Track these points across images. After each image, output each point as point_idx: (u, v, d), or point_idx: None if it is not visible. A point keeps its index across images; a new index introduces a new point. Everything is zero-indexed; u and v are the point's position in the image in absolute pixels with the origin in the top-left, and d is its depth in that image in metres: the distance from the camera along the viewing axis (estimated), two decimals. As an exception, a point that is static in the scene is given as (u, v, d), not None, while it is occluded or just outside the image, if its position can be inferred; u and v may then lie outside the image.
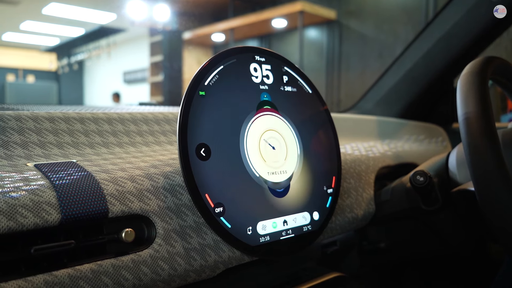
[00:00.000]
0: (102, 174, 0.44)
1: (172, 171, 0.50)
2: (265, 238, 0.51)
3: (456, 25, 0.97)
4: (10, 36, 8.32)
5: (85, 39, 7.98)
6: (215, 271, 0.48)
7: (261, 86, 0.55)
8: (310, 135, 0.59)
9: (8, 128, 0.48)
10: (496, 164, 0.48)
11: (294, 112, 0.58)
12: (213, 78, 0.50)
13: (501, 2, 0.89)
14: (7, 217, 0.35)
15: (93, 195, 0.41)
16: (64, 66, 9.20)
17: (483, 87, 0.53)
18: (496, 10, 0.88)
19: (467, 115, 0.51)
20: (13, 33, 8.07)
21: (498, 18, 0.90)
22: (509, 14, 0.90)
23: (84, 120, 0.55)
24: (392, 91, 1.15)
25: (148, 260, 0.42)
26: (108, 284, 0.39)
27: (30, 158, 0.47)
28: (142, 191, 0.45)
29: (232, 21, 5.36)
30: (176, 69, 6.16)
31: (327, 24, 4.79)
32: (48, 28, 7.53)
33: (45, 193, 0.38)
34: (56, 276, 0.36)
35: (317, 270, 0.60)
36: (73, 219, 0.39)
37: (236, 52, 0.54)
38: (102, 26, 7.11)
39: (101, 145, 0.54)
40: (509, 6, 0.87)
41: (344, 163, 0.69)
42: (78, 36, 7.88)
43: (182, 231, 0.46)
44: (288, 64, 0.60)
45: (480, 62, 0.56)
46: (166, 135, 0.62)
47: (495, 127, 0.50)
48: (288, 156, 0.56)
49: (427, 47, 1.04)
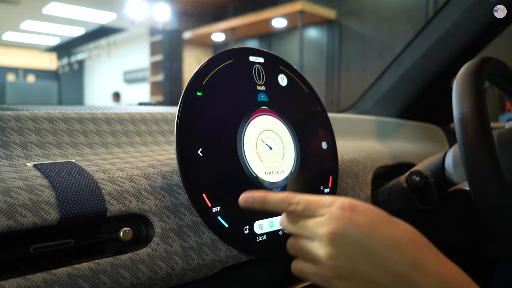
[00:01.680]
0: (100, 174, 0.45)
1: (170, 171, 0.50)
2: (262, 237, 0.51)
3: (454, 25, 0.98)
4: (10, 36, 8.33)
5: (85, 38, 7.99)
6: (213, 270, 0.49)
7: (258, 86, 0.56)
8: (307, 135, 0.60)
9: (7, 128, 0.49)
10: (490, 164, 0.48)
11: (291, 113, 0.59)
12: (210, 79, 0.51)
13: (500, 2, 0.89)
14: (6, 216, 0.36)
15: (92, 195, 0.41)
16: (64, 66, 9.20)
17: (479, 87, 0.53)
18: (496, 10, 0.88)
19: (463, 115, 0.52)
20: (13, 33, 8.08)
21: (496, 18, 0.91)
22: (507, 15, 0.90)
23: (83, 121, 0.55)
24: (390, 91, 1.15)
25: (146, 259, 0.43)
26: (106, 282, 0.39)
27: (30, 158, 0.48)
28: (140, 191, 0.46)
29: (232, 20, 5.37)
30: (176, 68, 6.16)
31: (327, 24, 4.79)
32: (48, 27, 7.53)
33: (44, 192, 0.39)
34: (55, 275, 0.37)
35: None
36: (72, 218, 0.39)
37: (233, 53, 0.54)
38: (102, 25, 7.12)
39: (100, 145, 0.55)
40: (508, 6, 0.88)
41: (341, 163, 0.70)
42: (78, 35, 7.89)
43: (179, 230, 0.47)
44: (285, 64, 0.60)
45: (476, 62, 0.57)
46: (165, 135, 0.62)
47: (490, 127, 0.51)
48: (285, 156, 0.56)
49: (426, 47, 1.05)
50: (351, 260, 0.35)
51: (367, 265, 0.35)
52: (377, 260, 0.35)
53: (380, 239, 0.35)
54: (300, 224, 0.39)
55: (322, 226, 0.37)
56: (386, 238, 0.35)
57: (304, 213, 0.39)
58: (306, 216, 0.39)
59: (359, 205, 0.38)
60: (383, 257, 0.35)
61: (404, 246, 0.35)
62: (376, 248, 0.35)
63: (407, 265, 0.34)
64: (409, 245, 0.35)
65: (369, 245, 0.35)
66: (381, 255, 0.35)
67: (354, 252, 0.35)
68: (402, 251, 0.35)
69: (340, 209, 0.37)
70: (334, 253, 0.36)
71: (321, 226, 0.37)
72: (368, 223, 0.36)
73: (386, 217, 0.38)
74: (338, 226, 0.36)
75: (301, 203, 0.39)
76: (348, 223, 0.36)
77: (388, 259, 0.35)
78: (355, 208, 0.37)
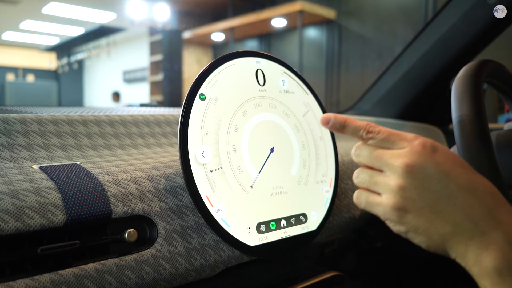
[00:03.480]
0: (105, 176, 0.46)
1: (173, 173, 0.51)
2: (264, 238, 0.52)
3: (453, 27, 0.99)
4: (10, 35, 8.32)
5: (85, 38, 7.99)
6: (215, 270, 0.50)
7: (260, 89, 0.56)
8: (308, 137, 0.60)
9: (13, 131, 0.49)
10: (488, 165, 0.49)
11: (292, 115, 0.59)
12: (212, 82, 0.52)
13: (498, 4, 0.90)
14: (14, 218, 0.36)
15: (97, 197, 0.42)
16: (64, 65, 9.20)
17: (477, 90, 0.54)
18: (496, 10, 0.89)
19: (461, 117, 0.53)
20: (13, 32, 8.07)
21: (494, 20, 0.92)
22: (506, 17, 0.91)
23: (87, 123, 0.56)
24: (390, 92, 1.16)
25: (150, 260, 0.44)
26: (111, 283, 0.40)
27: (35, 160, 0.48)
28: (144, 193, 0.46)
29: (232, 20, 5.37)
30: (175, 69, 6.17)
31: (326, 24, 4.80)
32: (48, 27, 7.53)
33: (50, 195, 0.40)
34: (62, 275, 0.37)
35: (315, 269, 0.61)
36: (78, 220, 0.40)
37: (235, 56, 0.55)
38: (102, 25, 7.12)
39: (104, 147, 0.55)
40: (508, 7, 0.88)
41: (341, 164, 0.71)
42: (78, 35, 7.89)
43: (183, 231, 0.47)
44: (286, 67, 0.61)
45: (474, 65, 0.57)
46: (167, 137, 0.63)
47: (488, 129, 0.51)
48: (286, 158, 0.57)
49: (425, 49, 1.06)
50: (424, 195, 0.35)
51: (440, 203, 0.35)
52: (451, 200, 0.35)
53: (458, 182, 0.35)
54: (375, 154, 0.39)
55: (401, 157, 0.37)
56: (465, 183, 0.35)
57: (382, 143, 0.39)
58: (383, 147, 0.39)
59: (442, 147, 0.38)
60: (459, 198, 0.35)
61: (482, 194, 0.35)
62: (453, 189, 0.35)
63: (483, 212, 0.34)
64: (487, 195, 0.35)
65: (446, 185, 0.35)
66: (457, 197, 0.35)
67: (429, 187, 0.35)
68: (480, 198, 0.35)
69: (421, 145, 0.37)
70: (408, 184, 0.36)
71: (399, 157, 0.37)
72: (448, 164, 0.36)
73: (467, 165, 0.37)
74: (417, 160, 0.36)
75: (382, 133, 0.39)
76: (428, 160, 0.36)
77: (464, 202, 0.35)
78: (437, 149, 0.37)
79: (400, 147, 0.38)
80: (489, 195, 0.36)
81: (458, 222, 0.35)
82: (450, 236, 0.35)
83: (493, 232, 0.34)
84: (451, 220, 0.35)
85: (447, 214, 0.35)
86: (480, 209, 0.34)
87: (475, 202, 0.35)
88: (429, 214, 0.35)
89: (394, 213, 0.37)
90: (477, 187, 0.36)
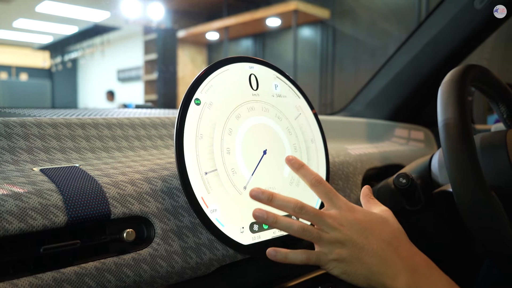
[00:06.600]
0: (104, 178, 0.47)
1: (169, 174, 0.53)
2: (256, 237, 0.54)
3: (442, 31, 1.01)
4: (3, 34, 8.26)
5: (78, 37, 7.95)
6: (210, 268, 0.52)
7: (253, 93, 0.58)
8: (300, 140, 0.62)
9: (14, 134, 0.51)
10: (471, 167, 0.51)
11: (284, 118, 0.61)
12: (207, 87, 0.53)
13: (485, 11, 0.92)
14: (18, 219, 0.38)
15: (96, 198, 0.44)
16: (57, 64, 9.15)
17: (462, 94, 0.56)
18: (496, 10, 0.91)
19: (446, 121, 0.55)
20: (6, 31, 8.02)
21: (482, 25, 0.94)
22: (493, 21, 0.93)
23: (85, 126, 0.57)
24: (381, 94, 1.18)
25: (147, 258, 0.46)
26: (111, 280, 0.42)
27: (35, 163, 0.50)
28: (142, 194, 0.48)
29: (227, 19, 5.38)
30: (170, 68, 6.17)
31: (321, 23, 4.83)
32: (41, 26, 7.49)
33: (52, 196, 0.41)
34: (63, 274, 0.39)
35: (307, 266, 0.63)
36: (79, 220, 0.42)
37: (229, 62, 0.57)
38: (96, 24, 7.09)
39: (102, 149, 0.57)
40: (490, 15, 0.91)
41: (332, 165, 0.73)
42: (72, 34, 7.85)
43: (179, 231, 0.49)
44: (279, 72, 0.63)
45: (459, 70, 0.60)
46: (163, 139, 0.65)
47: (472, 132, 0.54)
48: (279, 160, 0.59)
49: (415, 52, 1.08)
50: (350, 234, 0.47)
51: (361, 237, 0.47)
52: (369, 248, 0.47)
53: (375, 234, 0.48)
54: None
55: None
56: (378, 233, 0.48)
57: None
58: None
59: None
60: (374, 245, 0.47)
61: (390, 239, 0.48)
62: (371, 240, 0.48)
63: (391, 253, 0.46)
64: (393, 238, 0.48)
65: (365, 237, 0.48)
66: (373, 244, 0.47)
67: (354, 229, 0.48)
68: (389, 242, 0.48)
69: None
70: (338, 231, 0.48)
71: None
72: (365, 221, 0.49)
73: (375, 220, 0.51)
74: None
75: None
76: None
77: (378, 247, 0.47)
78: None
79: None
80: (395, 239, 0.48)
81: (375, 264, 0.46)
82: (370, 276, 0.46)
83: (397, 265, 0.46)
84: (369, 264, 0.46)
85: (367, 259, 0.46)
86: (389, 251, 0.47)
87: (385, 245, 0.47)
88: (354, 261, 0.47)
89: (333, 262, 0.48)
90: (384, 233, 0.48)
